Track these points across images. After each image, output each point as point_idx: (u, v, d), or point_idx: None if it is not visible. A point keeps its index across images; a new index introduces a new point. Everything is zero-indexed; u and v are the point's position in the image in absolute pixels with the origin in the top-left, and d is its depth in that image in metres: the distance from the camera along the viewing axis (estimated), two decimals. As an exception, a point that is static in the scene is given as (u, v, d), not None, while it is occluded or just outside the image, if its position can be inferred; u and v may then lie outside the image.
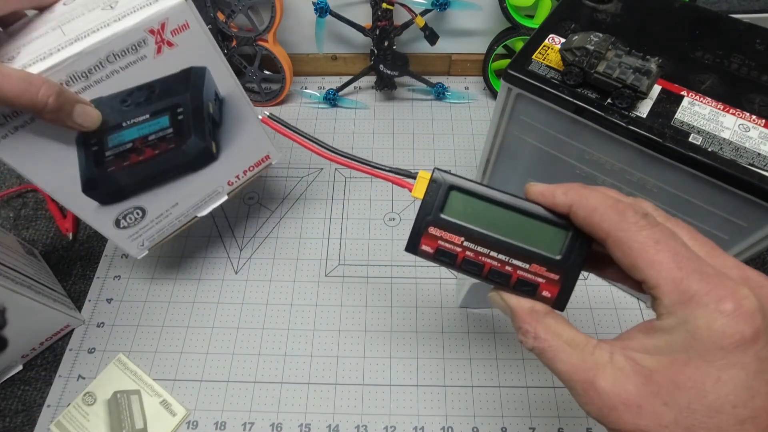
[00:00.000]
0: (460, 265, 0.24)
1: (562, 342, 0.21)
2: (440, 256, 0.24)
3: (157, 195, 0.41)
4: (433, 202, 0.23)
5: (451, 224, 0.23)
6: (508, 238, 0.23)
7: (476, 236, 0.23)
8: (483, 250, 0.23)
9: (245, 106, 0.42)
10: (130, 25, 0.33)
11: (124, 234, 0.42)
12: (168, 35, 0.35)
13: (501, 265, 0.23)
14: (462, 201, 0.23)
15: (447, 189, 0.23)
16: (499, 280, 0.23)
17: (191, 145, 0.40)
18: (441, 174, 0.23)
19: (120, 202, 0.40)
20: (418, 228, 0.24)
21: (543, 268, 0.23)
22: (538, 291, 0.23)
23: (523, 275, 0.23)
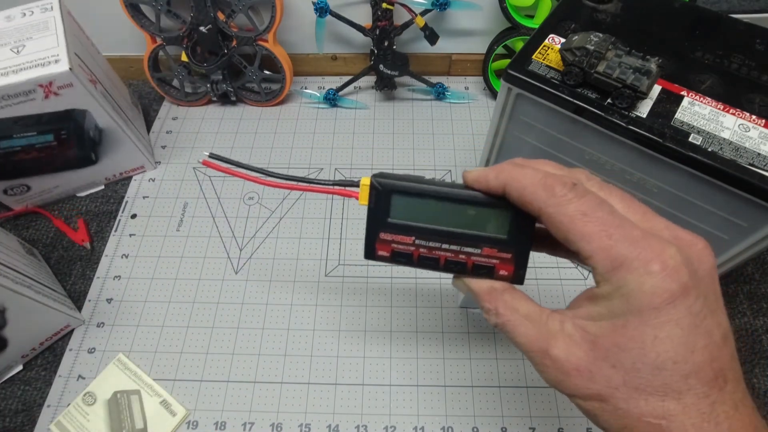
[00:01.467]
0: (417, 262, 0.24)
1: (519, 316, 0.22)
2: (397, 257, 0.25)
3: (44, 179, 0.59)
4: (379, 208, 0.24)
5: (400, 226, 0.24)
6: (456, 229, 0.24)
7: (426, 233, 0.24)
8: (435, 245, 0.24)
9: (121, 133, 0.59)
10: (23, 80, 0.48)
11: (11, 198, 0.59)
12: (54, 89, 0.50)
13: (455, 254, 0.24)
14: (405, 202, 0.24)
15: (388, 193, 0.24)
16: (456, 269, 0.24)
17: (72, 154, 0.57)
18: (378, 180, 0.24)
19: (8, 180, 0.57)
20: (370, 235, 0.25)
21: (494, 249, 0.24)
22: (495, 271, 0.24)
23: (478, 260, 0.24)
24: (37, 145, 0.54)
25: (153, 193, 0.63)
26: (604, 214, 0.19)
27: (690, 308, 0.18)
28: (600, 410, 0.19)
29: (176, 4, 0.62)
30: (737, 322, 0.53)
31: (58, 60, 0.49)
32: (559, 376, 0.20)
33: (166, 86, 0.71)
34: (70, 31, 0.52)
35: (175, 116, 0.72)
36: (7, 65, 0.48)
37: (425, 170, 0.65)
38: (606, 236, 0.19)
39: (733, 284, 0.55)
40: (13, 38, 0.50)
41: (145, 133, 0.69)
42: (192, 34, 0.63)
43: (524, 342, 0.21)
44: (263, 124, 0.71)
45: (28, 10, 0.53)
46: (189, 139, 0.69)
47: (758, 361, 0.50)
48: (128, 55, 0.73)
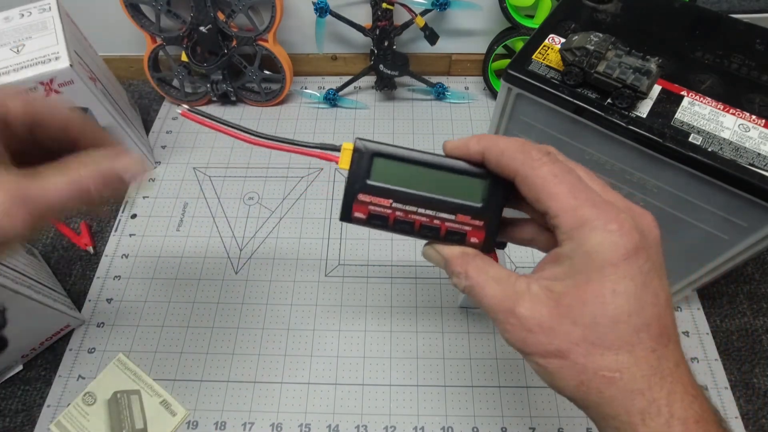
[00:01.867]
0: (392, 225, 0.25)
1: (488, 278, 0.23)
2: (373, 219, 0.25)
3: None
4: (360, 171, 0.25)
5: (379, 188, 0.25)
6: (433, 194, 0.25)
7: (404, 196, 0.25)
8: (411, 209, 0.25)
9: (121, 132, 0.59)
10: (24, 78, 0.48)
11: None
12: (55, 86, 0.50)
13: (430, 219, 0.25)
14: (386, 166, 0.25)
15: (371, 156, 0.24)
16: (430, 234, 0.25)
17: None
18: (363, 143, 0.24)
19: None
20: (348, 197, 0.25)
21: (468, 216, 0.25)
22: (466, 238, 0.25)
23: (451, 226, 0.25)
24: None
25: (153, 193, 0.63)
26: (573, 178, 0.21)
27: (641, 267, 0.19)
28: (558, 367, 0.20)
29: (176, 4, 0.62)
30: (737, 322, 0.53)
31: (59, 57, 0.49)
32: (523, 333, 0.21)
33: (166, 86, 0.71)
34: (68, 30, 0.53)
35: (175, 116, 0.72)
36: (8, 64, 0.48)
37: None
38: (572, 197, 0.20)
39: (733, 284, 0.55)
40: (12, 38, 0.50)
41: (144, 133, 0.69)
42: (192, 34, 0.63)
43: (492, 303, 0.22)
44: (263, 124, 0.71)
45: (26, 11, 0.53)
46: (189, 139, 0.69)
47: (758, 361, 0.50)
48: (128, 55, 0.73)
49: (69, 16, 0.55)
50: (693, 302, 0.54)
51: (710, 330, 0.52)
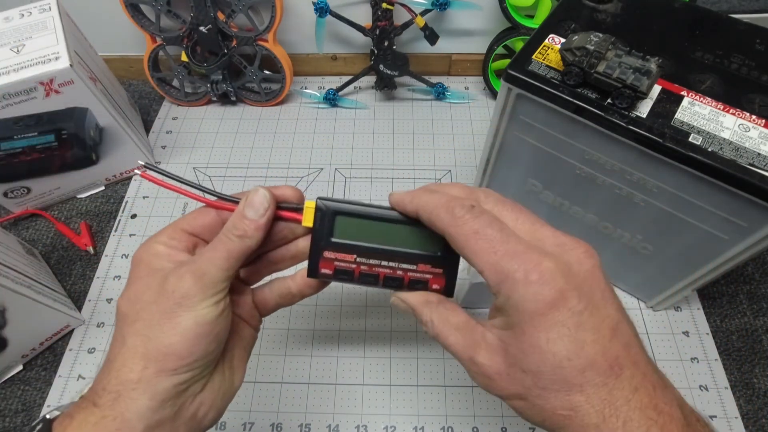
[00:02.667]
0: (357, 279, 0.26)
1: (450, 326, 0.24)
2: (339, 275, 0.26)
3: (44, 181, 0.59)
4: (323, 229, 0.26)
5: (343, 245, 0.26)
6: (394, 247, 0.26)
7: (367, 251, 0.26)
8: (375, 262, 0.26)
9: (121, 132, 0.59)
10: (23, 78, 0.48)
11: (11, 201, 0.59)
12: (55, 86, 0.50)
13: (393, 271, 0.26)
14: (348, 223, 0.26)
15: (332, 215, 0.26)
16: (394, 284, 0.26)
17: (73, 154, 0.57)
18: (324, 202, 0.25)
19: (8, 182, 0.57)
20: (314, 254, 0.26)
21: (428, 265, 0.26)
22: (428, 286, 0.26)
23: (414, 275, 0.26)
24: (38, 146, 0.54)
25: (153, 193, 0.63)
26: (494, 231, 0.21)
27: (572, 309, 0.19)
28: (522, 407, 0.21)
29: (176, 4, 0.62)
30: (737, 322, 0.53)
31: (59, 57, 0.49)
32: (485, 380, 0.22)
33: (166, 86, 0.71)
34: (68, 30, 0.52)
35: (175, 116, 0.72)
36: (8, 64, 0.48)
37: (425, 170, 0.65)
38: (492, 252, 0.21)
39: (733, 284, 0.55)
40: (12, 38, 0.50)
41: (144, 133, 0.69)
42: (192, 34, 0.63)
43: (455, 350, 0.23)
44: (263, 124, 0.71)
45: (26, 10, 0.53)
46: (189, 139, 0.69)
47: (758, 361, 0.50)
48: (128, 55, 0.73)
49: (69, 16, 0.55)
50: (693, 302, 0.54)
51: (710, 330, 0.52)
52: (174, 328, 0.22)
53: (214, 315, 0.23)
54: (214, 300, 0.23)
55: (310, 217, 0.26)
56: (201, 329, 0.22)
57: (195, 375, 0.23)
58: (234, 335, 0.28)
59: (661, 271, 0.47)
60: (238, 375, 0.27)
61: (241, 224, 0.24)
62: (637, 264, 0.48)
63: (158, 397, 0.22)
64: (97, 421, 0.21)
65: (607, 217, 0.46)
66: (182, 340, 0.22)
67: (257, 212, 0.24)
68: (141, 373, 0.21)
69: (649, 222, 0.43)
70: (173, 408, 0.22)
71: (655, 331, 0.52)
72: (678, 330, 0.52)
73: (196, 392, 0.24)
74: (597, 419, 0.19)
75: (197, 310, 0.22)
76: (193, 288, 0.23)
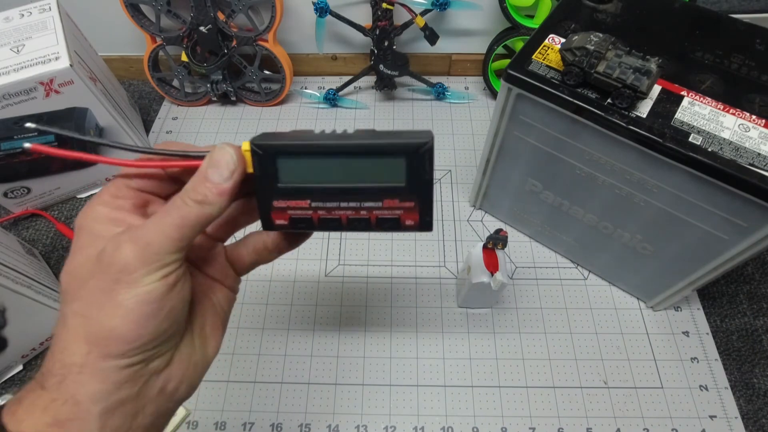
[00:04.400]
0: (318, 225, 0.23)
1: None
2: (297, 224, 0.23)
3: (45, 181, 0.59)
4: (266, 175, 0.22)
5: (292, 190, 0.22)
6: (351, 184, 0.22)
7: (321, 193, 0.22)
8: (333, 204, 0.22)
9: (122, 132, 0.59)
10: (24, 78, 0.48)
11: (11, 201, 0.59)
12: (55, 86, 0.50)
13: (355, 212, 0.22)
14: (293, 164, 0.22)
15: (272, 157, 0.21)
16: (360, 226, 0.23)
17: None
18: (258, 143, 0.21)
19: (8, 182, 0.57)
20: (263, 205, 0.22)
21: (395, 200, 0.22)
22: (401, 223, 0.22)
23: (381, 213, 0.22)
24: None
25: (153, 193, 0.63)
26: None
27: None
28: None
29: (176, 4, 0.62)
30: (737, 322, 0.53)
31: (59, 57, 0.49)
32: None
33: (166, 86, 0.71)
34: (68, 30, 0.52)
35: (175, 116, 0.72)
36: (8, 64, 0.48)
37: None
38: None
39: (733, 284, 0.55)
40: (12, 38, 0.50)
41: (144, 133, 0.69)
42: (192, 34, 0.63)
43: None
44: (263, 124, 0.71)
45: (26, 11, 0.53)
46: (189, 139, 0.69)
47: (758, 361, 0.50)
48: (128, 55, 0.73)
49: (69, 16, 0.55)
50: (693, 302, 0.54)
51: (710, 330, 0.52)
52: (115, 309, 0.19)
53: (162, 291, 0.19)
54: (162, 273, 0.19)
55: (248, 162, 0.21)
56: (147, 308, 0.19)
57: (150, 356, 0.20)
58: (204, 300, 0.24)
59: (661, 271, 0.47)
60: (212, 343, 0.25)
61: (202, 188, 0.20)
62: (637, 264, 0.49)
63: (109, 380, 0.19)
64: (46, 405, 0.19)
65: (607, 217, 0.46)
66: (125, 322, 0.19)
67: (221, 175, 0.20)
68: (85, 357, 0.19)
69: (649, 222, 0.43)
70: (133, 387, 0.20)
71: (655, 331, 0.52)
72: (678, 330, 0.52)
73: (160, 368, 0.21)
74: None
75: (140, 286, 0.19)
76: (134, 261, 0.19)
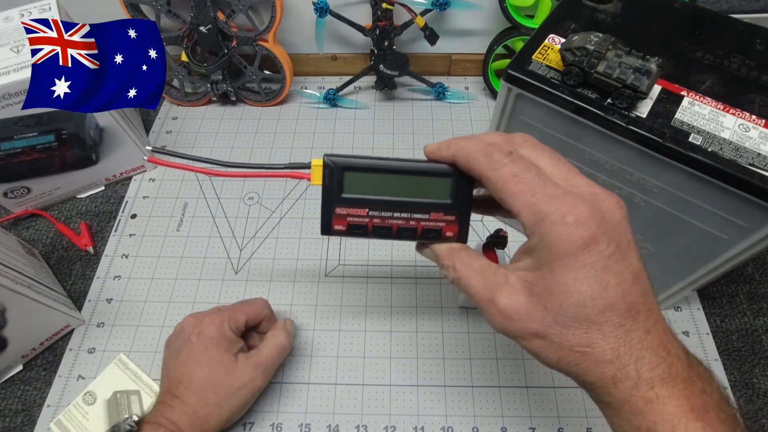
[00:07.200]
0: (371, 232, 0.27)
1: (472, 270, 0.25)
2: (353, 230, 0.27)
3: (44, 181, 0.59)
4: (333, 185, 0.26)
5: (354, 200, 0.26)
6: (405, 198, 0.26)
7: (378, 204, 0.26)
8: (387, 214, 0.26)
9: (121, 132, 0.59)
10: (24, 78, 0.47)
11: (11, 201, 0.59)
12: None
13: (405, 221, 0.26)
14: (357, 177, 0.26)
15: (341, 171, 0.26)
16: (407, 235, 0.27)
17: (73, 154, 0.57)
18: (331, 158, 0.26)
19: (8, 182, 0.57)
20: (326, 211, 0.26)
21: (440, 213, 0.26)
22: (442, 234, 0.27)
23: (427, 224, 0.26)
24: (38, 146, 0.54)
25: (153, 193, 0.63)
26: (531, 176, 0.22)
27: (601, 253, 0.21)
28: (539, 346, 0.22)
29: (176, 4, 0.62)
30: (737, 322, 0.53)
31: None
32: (504, 321, 0.23)
33: (166, 86, 0.71)
34: None
35: (175, 116, 0.72)
36: (8, 64, 0.48)
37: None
38: (530, 194, 0.22)
39: (733, 284, 0.55)
40: (12, 38, 0.50)
41: (144, 133, 0.69)
42: (192, 34, 0.63)
43: (475, 293, 0.24)
44: (263, 124, 0.71)
45: (26, 11, 0.53)
46: (189, 139, 0.69)
47: (758, 361, 0.50)
48: (128, 55, 0.73)
49: (69, 16, 0.55)
50: (693, 302, 0.54)
51: (710, 330, 0.52)
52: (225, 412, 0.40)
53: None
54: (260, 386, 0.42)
55: (318, 175, 0.26)
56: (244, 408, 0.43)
57: None
58: None
59: (661, 271, 0.47)
60: None
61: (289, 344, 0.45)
62: (637, 264, 0.48)
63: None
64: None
65: (607, 217, 0.46)
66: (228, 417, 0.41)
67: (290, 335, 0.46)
68: None
69: (649, 222, 0.43)
70: None
71: (655, 331, 0.52)
72: (678, 330, 0.52)
73: None
74: (611, 355, 0.21)
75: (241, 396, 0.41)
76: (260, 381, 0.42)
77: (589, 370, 0.21)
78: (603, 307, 0.21)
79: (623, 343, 0.21)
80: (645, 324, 0.21)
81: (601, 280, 0.21)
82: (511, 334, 0.23)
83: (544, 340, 0.22)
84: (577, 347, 0.21)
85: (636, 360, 0.20)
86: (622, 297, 0.21)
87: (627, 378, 0.21)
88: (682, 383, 0.21)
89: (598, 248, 0.21)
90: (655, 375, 0.20)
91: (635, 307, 0.21)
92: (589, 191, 0.22)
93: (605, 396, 0.22)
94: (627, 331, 0.21)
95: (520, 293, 0.23)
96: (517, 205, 0.22)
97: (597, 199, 0.22)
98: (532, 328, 0.22)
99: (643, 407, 0.20)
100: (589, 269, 0.21)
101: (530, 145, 0.24)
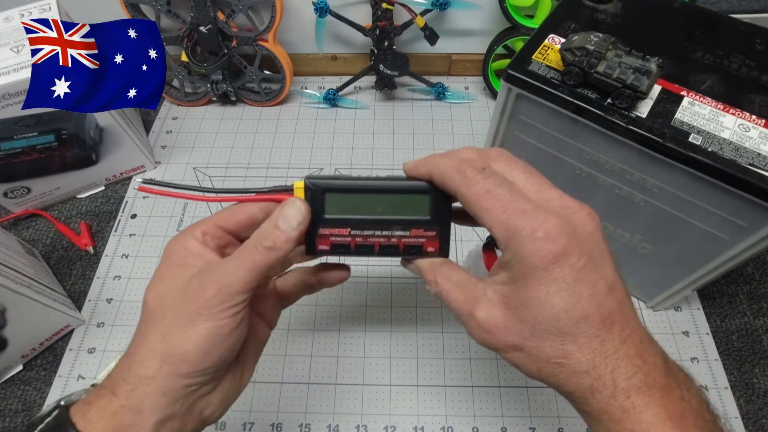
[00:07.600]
0: (354, 250, 0.27)
1: (452, 284, 0.25)
2: (337, 249, 0.27)
3: (45, 181, 0.59)
4: (315, 207, 0.26)
5: (336, 220, 0.27)
6: (385, 216, 0.27)
7: (359, 223, 0.27)
8: (369, 233, 0.27)
9: (121, 132, 0.59)
10: (24, 78, 0.47)
11: (11, 201, 0.59)
12: None
13: (387, 239, 0.27)
14: (338, 198, 0.27)
15: (322, 192, 0.26)
16: (390, 252, 0.28)
17: (73, 154, 0.57)
18: (312, 181, 0.26)
19: (8, 183, 0.56)
20: (310, 232, 0.27)
21: (420, 230, 0.27)
22: (423, 249, 0.27)
23: (408, 241, 0.27)
24: (38, 146, 0.54)
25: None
26: (503, 191, 0.23)
27: (573, 266, 0.21)
28: (518, 358, 0.23)
29: (176, 4, 0.62)
30: (737, 322, 0.53)
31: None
32: (483, 334, 0.23)
33: (166, 86, 0.71)
34: None
35: (175, 116, 0.72)
36: (8, 64, 0.48)
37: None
38: (502, 210, 0.22)
39: (733, 284, 0.55)
40: (12, 38, 0.50)
41: (144, 133, 0.69)
42: (192, 34, 0.63)
43: (455, 306, 0.24)
44: (263, 124, 0.71)
45: (26, 11, 0.53)
46: (189, 139, 0.69)
47: (758, 361, 0.50)
48: (128, 55, 0.73)
49: (69, 16, 0.55)
50: (693, 302, 0.54)
51: (710, 330, 0.52)
52: (191, 336, 0.23)
53: (232, 327, 0.24)
54: (234, 311, 0.23)
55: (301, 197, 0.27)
56: (216, 340, 0.23)
57: (206, 379, 0.24)
58: (250, 337, 0.28)
59: (661, 271, 0.47)
60: (246, 375, 0.28)
61: (272, 234, 0.24)
62: (637, 264, 0.48)
63: (171, 395, 0.23)
64: (115, 410, 0.23)
65: (607, 217, 0.46)
66: (196, 348, 0.23)
67: (290, 224, 0.25)
68: (157, 371, 0.23)
69: (649, 222, 0.43)
70: (184, 404, 0.24)
71: (655, 331, 0.52)
72: (678, 330, 0.52)
73: (207, 392, 0.25)
74: (588, 366, 0.21)
75: (215, 320, 0.23)
76: (215, 299, 0.23)
77: (567, 380, 0.22)
78: (577, 319, 0.21)
79: (598, 354, 0.21)
80: (621, 334, 0.21)
81: (573, 293, 0.21)
82: (491, 346, 0.23)
83: (522, 352, 0.22)
84: (553, 359, 0.21)
85: (612, 370, 0.21)
86: (597, 308, 0.21)
87: (604, 388, 0.21)
88: (660, 391, 0.21)
89: (569, 261, 0.21)
90: (631, 384, 0.21)
91: (610, 317, 0.21)
92: (561, 204, 0.23)
93: (585, 405, 0.22)
94: (602, 341, 0.21)
95: (497, 307, 0.23)
96: (490, 221, 0.22)
97: (568, 212, 0.22)
98: (510, 341, 0.22)
99: (621, 416, 0.21)
100: (560, 282, 0.21)
101: (504, 159, 0.25)
